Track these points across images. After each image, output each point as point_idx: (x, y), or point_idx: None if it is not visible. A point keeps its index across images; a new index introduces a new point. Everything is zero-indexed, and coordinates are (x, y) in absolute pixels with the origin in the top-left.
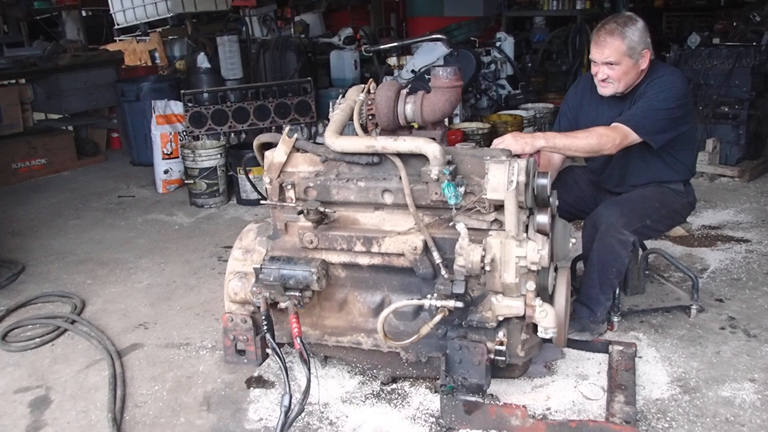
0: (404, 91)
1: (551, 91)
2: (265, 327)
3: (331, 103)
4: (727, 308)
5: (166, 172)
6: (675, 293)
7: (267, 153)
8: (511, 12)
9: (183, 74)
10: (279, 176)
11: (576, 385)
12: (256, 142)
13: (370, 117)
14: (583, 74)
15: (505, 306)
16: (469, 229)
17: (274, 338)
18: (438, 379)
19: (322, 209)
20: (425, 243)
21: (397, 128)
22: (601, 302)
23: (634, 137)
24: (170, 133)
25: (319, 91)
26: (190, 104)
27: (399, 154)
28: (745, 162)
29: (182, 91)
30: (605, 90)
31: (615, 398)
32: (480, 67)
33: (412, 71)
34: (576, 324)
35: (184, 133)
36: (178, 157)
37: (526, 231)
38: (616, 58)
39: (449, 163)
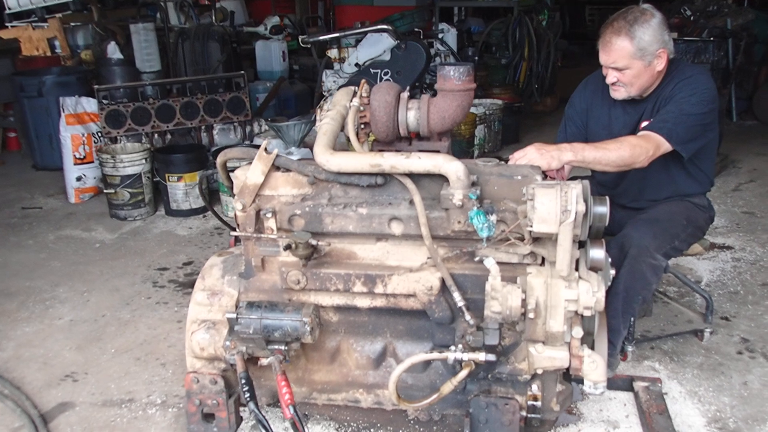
0: (405, 95)
1: (495, 85)
2: (246, 392)
3: (318, 111)
4: (736, 328)
5: (79, 179)
6: (684, 314)
7: (237, 172)
8: (445, 2)
9: (90, 66)
10: (254, 201)
11: None
12: (220, 159)
13: (362, 126)
14: (590, 75)
15: (546, 357)
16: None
17: (257, 406)
18: None
19: (314, 242)
20: (443, 282)
21: (395, 139)
22: (620, 333)
23: (666, 147)
24: (83, 135)
25: None
26: (105, 101)
27: (410, 175)
28: None
29: (95, 86)
30: (617, 94)
31: None
32: (430, 60)
33: (356, 65)
34: None
35: (100, 134)
36: (92, 162)
37: (577, 268)
38: (624, 62)
39: (473, 184)
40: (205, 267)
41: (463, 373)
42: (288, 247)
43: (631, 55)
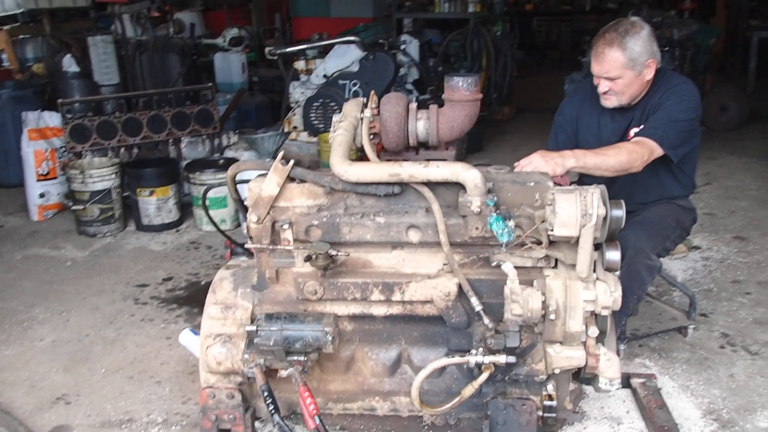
0: (413, 106)
1: None
2: (269, 404)
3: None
4: (715, 324)
5: (42, 195)
6: (668, 312)
7: (251, 185)
8: (402, 14)
9: (43, 79)
10: (269, 213)
11: (613, 430)
12: (230, 172)
13: (371, 136)
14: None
15: (564, 357)
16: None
17: (282, 418)
18: None
19: (333, 253)
20: (460, 287)
21: (404, 149)
22: (615, 332)
23: (658, 152)
24: (46, 150)
25: None
26: (68, 115)
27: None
28: None
29: (60, 100)
30: (608, 102)
31: None
32: (398, 71)
33: (324, 76)
34: None
35: (63, 149)
36: (56, 178)
37: (594, 270)
38: (616, 72)
39: (488, 191)
40: (214, 281)
41: (484, 376)
42: (308, 258)
43: (623, 66)
